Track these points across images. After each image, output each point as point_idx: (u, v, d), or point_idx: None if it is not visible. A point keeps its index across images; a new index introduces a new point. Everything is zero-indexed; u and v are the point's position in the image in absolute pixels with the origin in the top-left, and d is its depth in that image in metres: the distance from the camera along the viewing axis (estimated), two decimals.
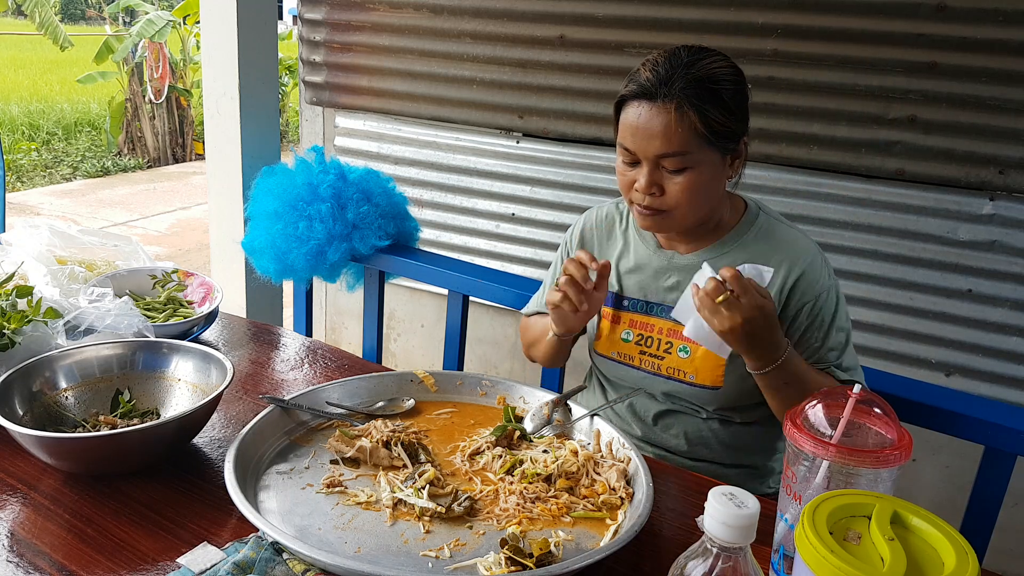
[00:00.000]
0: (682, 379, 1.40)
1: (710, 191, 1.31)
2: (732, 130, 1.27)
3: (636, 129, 1.26)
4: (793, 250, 1.35)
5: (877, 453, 0.84)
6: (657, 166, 1.28)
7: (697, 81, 1.23)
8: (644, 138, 1.26)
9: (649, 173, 1.28)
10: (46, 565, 0.95)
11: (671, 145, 1.24)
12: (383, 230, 2.02)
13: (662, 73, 1.25)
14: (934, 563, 0.70)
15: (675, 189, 1.27)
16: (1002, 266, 2.24)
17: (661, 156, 1.26)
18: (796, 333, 1.35)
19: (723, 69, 1.27)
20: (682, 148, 1.24)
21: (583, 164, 2.66)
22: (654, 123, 1.24)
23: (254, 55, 2.76)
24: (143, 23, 8.97)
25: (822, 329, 1.34)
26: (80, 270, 1.61)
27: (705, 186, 1.29)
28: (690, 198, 1.28)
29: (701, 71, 1.24)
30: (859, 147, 2.29)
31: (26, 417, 1.16)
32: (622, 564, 1.01)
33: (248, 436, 1.15)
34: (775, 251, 1.36)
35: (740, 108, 1.28)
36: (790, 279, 1.33)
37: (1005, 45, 2.09)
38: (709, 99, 1.23)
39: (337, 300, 3.33)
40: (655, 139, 1.25)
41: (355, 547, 0.99)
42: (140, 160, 9.88)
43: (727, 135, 1.27)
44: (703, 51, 1.28)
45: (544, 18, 2.58)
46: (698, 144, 1.25)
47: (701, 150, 1.25)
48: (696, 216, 1.33)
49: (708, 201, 1.33)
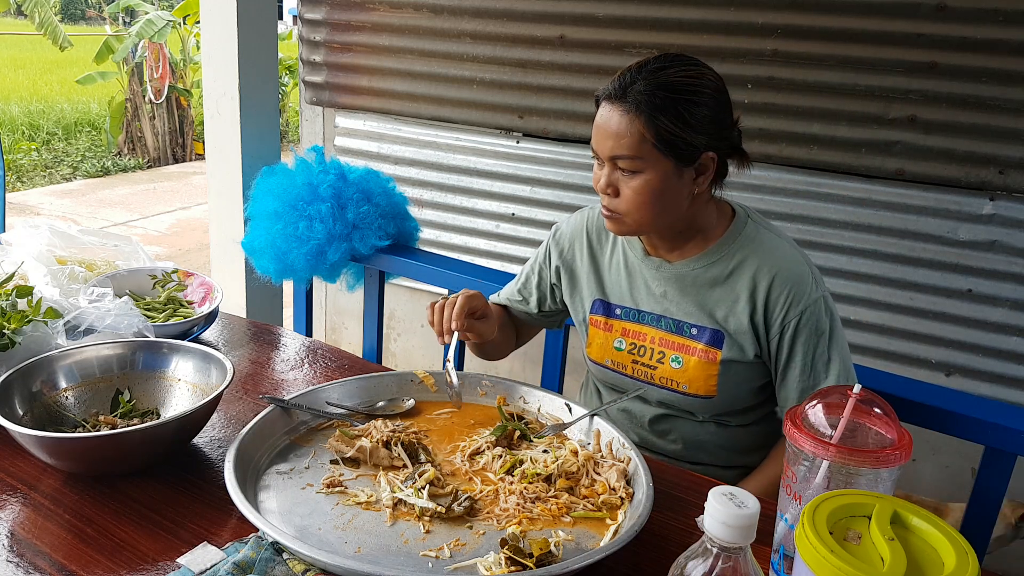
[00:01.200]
0: (675, 388, 1.39)
1: (665, 200, 1.28)
2: (686, 142, 1.24)
3: (597, 128, 1.29)
4: (778, 261, 1.32)
5: (877, 453, 0.84)
6: (614, 167, 1.29)
7: (655, 88, 1.23)
8: (602, 138, 1.28)
9: (607, 174, 1.30)
10: (46, 565, 0.95)
11: (620, 147, 1.25)
12: (383, 230, 2.02)
13: (627, 77, 1.26)
14: (934, 563, 0.70)
15: (627, 192, 1.28)
16: (1002, 266, 2.24)
17: (613, 157, 1.27)
18: (785, 348, 1.33)
19: (691, 80, 1.24)
20: (631, 152, 1.25)
21: (583, 164, 2.66)
22: (611, 124, 1.26)
23: (254, 55, 2.76)
24: (143, 23, 8.97)
25: (819, 343, 1.31)
26: (80, 270, 1.61)
27: (657, 194, 1.27)
28: (640, 203, 1.28)
29: (663, 78, 1.24)
30: (859, 147, 2.29)
31: (26, 417, 1.16)
32: (622, 564, 1.01)
33: (248, 436, 1.15)
34: (760, 259, 1.33)
35: (701, 123, 1.24)
36: (773, 291, 1.31)
37: (1005, 45, 2.09)
38: (662, 108, 1.22)
39: (337, 300, 3.33)
40: (609, 139, 1.27)
41: (355, 547, 0.99)
42: (140, 160, 9.88)
43: (679, 146, 1.24)
44: (678, 60, 1.26)
45: (544, 18, 2.58)
46: (648, 150, 1.24)
47: (653, 157, 1.25)
48: (653, 223, 1.31)
49: (664, 210, 1.30)
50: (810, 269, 1.34)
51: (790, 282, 1.31)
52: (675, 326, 1.38)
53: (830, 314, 1.33)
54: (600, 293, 1.47)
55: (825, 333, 1.32)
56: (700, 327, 1.36)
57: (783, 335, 1.32)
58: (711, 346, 1.35)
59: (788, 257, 1.33)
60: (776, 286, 1.31)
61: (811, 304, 1.31)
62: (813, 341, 1.32)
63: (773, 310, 1.32)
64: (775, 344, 1.34)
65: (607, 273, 1.47)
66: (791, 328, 1.31)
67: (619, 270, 1.45)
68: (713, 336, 1.35)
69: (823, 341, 1.32)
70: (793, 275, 1.31)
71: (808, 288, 1.31)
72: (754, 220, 1.39)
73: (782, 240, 1.37)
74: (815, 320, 1.31)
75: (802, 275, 1.32)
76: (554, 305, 1.59)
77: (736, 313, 1.34)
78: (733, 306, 1.34)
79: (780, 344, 1.33)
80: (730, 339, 1.34)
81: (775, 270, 1.32)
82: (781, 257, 1.33)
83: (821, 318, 1.32)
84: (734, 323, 1.34)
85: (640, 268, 1.42)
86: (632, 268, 1.44)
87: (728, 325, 1.34)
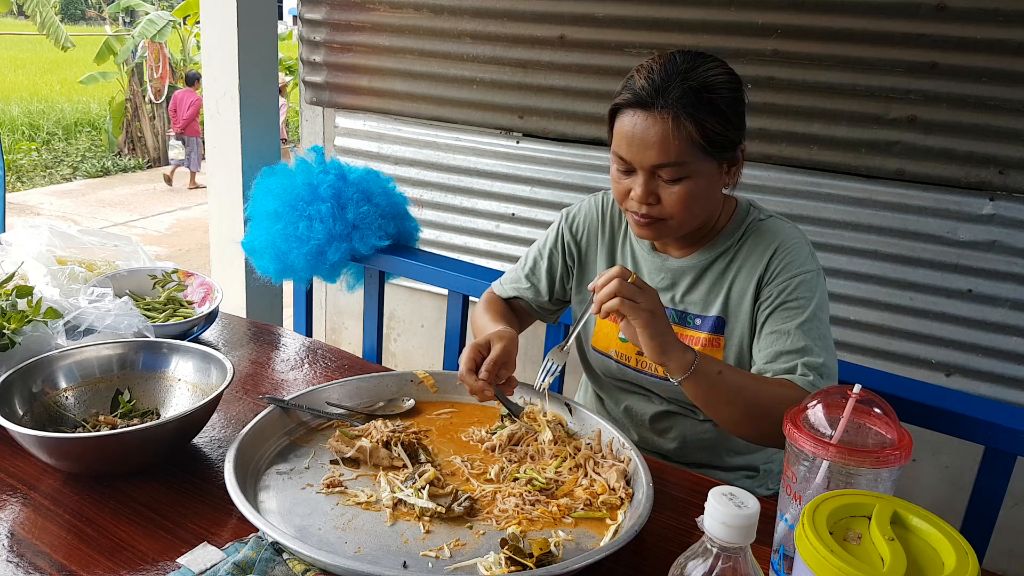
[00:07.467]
0: None
1: (707, 200, 1.29)
2: (729, 139, 1.25)
3: (632, 139, 1.23)
4: (777, 238, 1.34)
5: (877, 453, 0.84)
6: (653, 176, 1.25)
7: (693, 90, 1.20)
8: (640, 148, 1.23)
9: (645, 183, 1.25)
10: (46, 565, 0.95)
11: (667, 155, 1.22)
12: (383, 230, 2.02)
13: (657, 81, 1.21)
14: (934, 563, 0.70)
15: (672, 199, 1.25)
16: (1002, 266, 2.24)
17: (657, 166, 1.23)
18: (766, 311, 1.30)
19: (720, 77, 1.24)
20: (679, 158, 1.22)
21: (583, 164, 2.66)
22: (650, 133, 1.21)
23: (254, 55, 2.76)
24: (143, 23, 8.98)
25: (797, 312, 1.28)
26: (80, 270, 1.61)
27: (702, 195, 1.27)
28: (687, 207, 1.26)
29: (697, 79, 1.21)
30: (859, 147, 2.29)
31: (26, 417, 1.16)
32: (622, 564, 1.01)
33: (248, 436, 1.14)
34: (762, 244, 1.34)
35: (737, 116, 1.26)
36: (772, 263, 1.31)
37: (1005, 45, 2.09)
38: (705, 108, 1.21)
39: (337, 300, 3.33)
40: (651, 149, 1.22)
41: (355, 547, 0.99)
42: (140, 160, 9.88)
43: (724, 144, 1.24)
44: (699, 57, 1.25)
45: (544, 18, 2.58)
46: (694, 154, 1.22)
47: (697, 160, 1.23)
48: (693, 224, 1.32)
49: (705, 209, 1.31)
50: (808, 246, 1.34)
51: (789, 251, 1.32)
52: (679, 317, 1.39)
53: (820, 289, 1.31)
54: None
55: (811, 308, 1.29)
56: (703, 316, 1.37)
57: (765, 301, 1.31)
58: (714, 334, 1.36)
59: (789, 234, 1.34)
60: (776, 257, 1.32)
61: (804, 272, 1.30)
62: (797, 314, 1.28)
63: (771, 278, 1.31)
64: (760, 309, 1.32)
65: (620, 263, 1.47)
66: (776, 293, 1.30)
67: (628, 262, 1.46)
68: (716, 324, 1.36)
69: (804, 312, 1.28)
70: (791, 246, 1.32)
71: (804, 258, 1.31)
72: (756, 208, 1.40)
73: (783, 223, 1.38)
74: (803, 288, 1.29)
75: (799, 247, 1.32)
76: (563, 294, 1.57)
77: (740, 296, 1.34)
78: (739, 292, 1.34)
79: (763, 308, 1.31)
80: (731, 326, 1.35)
81: (776, 244, 1.33)
82: (781, 234, 1.34)
83: (809, 290, 1.29)
84: (735, 307, 1.35)
85: (646, 261, 1.43)
86: (638, 260, 1.45)
87: (730, 311, 1.35)
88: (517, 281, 1.58)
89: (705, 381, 1.19)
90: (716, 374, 1.20)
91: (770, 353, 1.28)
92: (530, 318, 1.63)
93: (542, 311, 1.60)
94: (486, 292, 1.64)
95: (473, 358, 1.27)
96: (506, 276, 1.63)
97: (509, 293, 1.59)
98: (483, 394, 1.26)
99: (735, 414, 1.23)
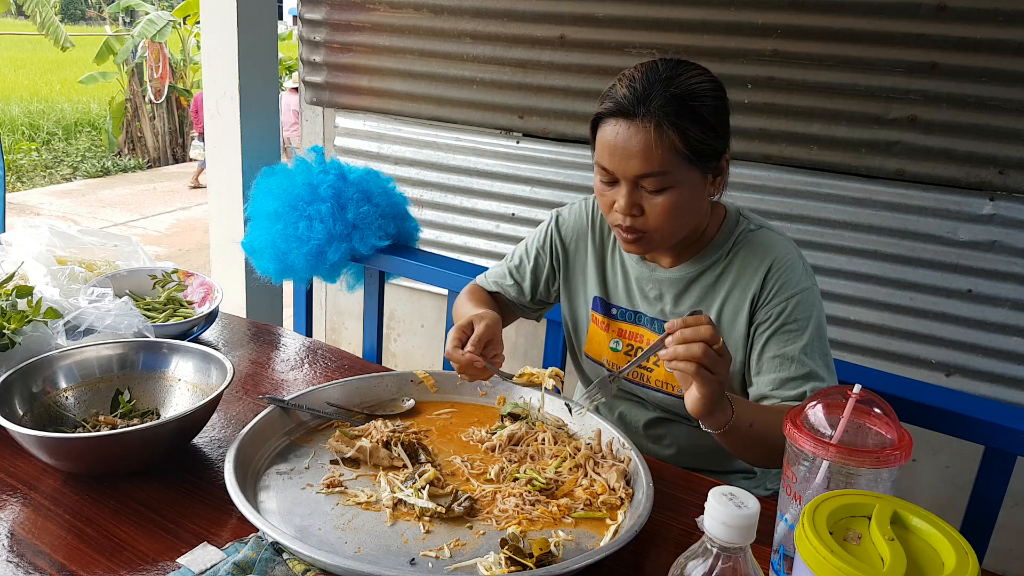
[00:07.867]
0: (670, 392, 1.38)
1: (691, 210, 1.27)
2: (713, 147, 1.22)
3: (614, 148, 1.21)
4: (771, 253, 1.31)
5: (877, 453, 0.84)
6: (636, 186, 1.22)
7: (676, 98, 1.18)
8: (622, 158, 1.20)
9: (628, 194, 1.23)
10: (46, 565, 0.95)
11: (650, 165, 1.19)
12: (383, 230, 2.02)
13: (639, 90, 1.19)
14: (934, 563, 0.70)
15: (655, 210, 1.23)
16: (1002, 266, 2.24)
17: (640, 176, 1.21)
18: (764, 333, 1.29)
19: (703, 85, 1.21)
20: (662, 168, 1.19)
21: (583, 164, 2.66)
22: (632, 142, 1.19)
23: (254, 55, 2.76)
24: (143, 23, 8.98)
25: (797, 334, 1.27)
26: (80, 270, 1.61)
27: (686, 205, 1.24)
28: (671, 219, 1.24)
29: (680, 87, 1.19)
30: (859, 147, 2.29)
31: (26, 417, 1.16)
32: (622, 564, 1.01)
33: (248, 436, 1.15)
34: (755, 259, 1.32)
35: (721, 124, 1.23)
36: (768, 283, 1.29)
37: (1005, 45, 2.09)
38: (689, 117, 1.18)
39: (337, 300, 3.33)
40: (634, 159, 1.19)
41: (355, 547, 0.99)
42: (140, 160, 9.89)
43: (708, 153, 1.22)
44: (682, 65, 1.23)
45: (544, 18, 2.58)
46: (678, 164, 1.20)
47: (681, 169, 1.21)
48: (678, 235, 1.30)
49: (690, 220, 1.29)
50: (802, 261, 1.33)
51: (784, 270, 1.30)
52: None
53: (817, 306, 1.30)
54: (601, 291, 1.46)
55: (809, 324, 1.28)
56: None
57: (762, 326, 1.30)
58: None
59: (781, 249, 1.32)
60: (771, 276, 1.30)
61: (801, 291, 1.29)
62: (799, 336, 1.27)
63: (768, 299, 1.30)
64: (757, 331, 1.31)
65: (609, 272, 1.45)
66: (773, 317, 1.28)
67: (617, 270, 1.44)
68: None
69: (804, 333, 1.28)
70: (786, 264, 1.30)
71: (799, 276, 1.30)
72: (746, 217, 1.38)
73: (774, 234, 1.36)
74: (801, 308, 1.28)
75: (794, 264, 1.31)
76: (546, 295, 1.55)
77: (733, 314, 1.33)
78: (732, 309, 1.33)
79: (761, 331, 1.30)
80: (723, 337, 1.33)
81: (769, 261, 1.31)
82: (775, 249, 1.32)
83: (806, 309, 1.29)
84: (728, 324, 1.33)
85: (635, 269, 1.41)
86: (628, 270, 1.43)
87: (723, 327, 1.34)
88: (502, 276, 1.57)
89: (737, 433, 1.16)
90: (748, 427, 1.16)
91: (775, 380, 1.27)
92: (512, 314, 1.61)
93: (523, 309, 1.59)
94: (469, 283, 1.62)
95: (459, 338, 1.25)
96: (492, 270, 1.61)
97: (492, 288, 1.58)
98: (473, 367, 1.23)
99: (758, 454, 1.22)
